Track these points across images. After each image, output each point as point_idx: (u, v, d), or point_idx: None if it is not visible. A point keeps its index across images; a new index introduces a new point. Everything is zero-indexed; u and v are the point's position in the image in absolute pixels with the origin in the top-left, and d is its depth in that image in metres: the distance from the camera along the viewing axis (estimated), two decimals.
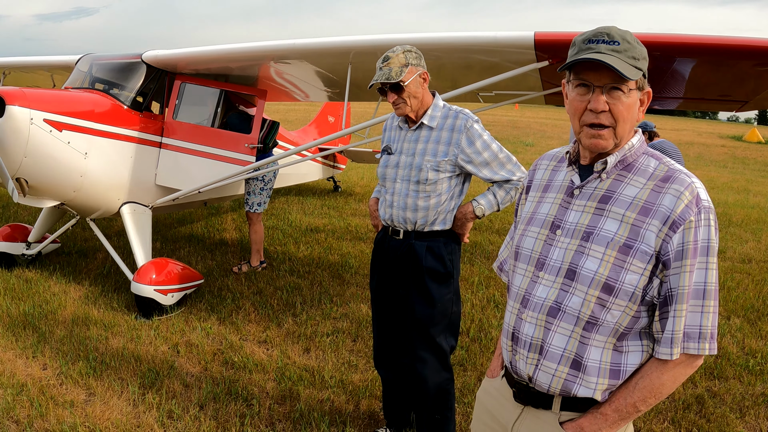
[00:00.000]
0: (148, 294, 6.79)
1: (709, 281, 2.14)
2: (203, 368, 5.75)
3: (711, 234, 2.13)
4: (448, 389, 4.37)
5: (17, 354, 5.93)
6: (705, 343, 2.17)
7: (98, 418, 4.84)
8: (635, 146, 2.26)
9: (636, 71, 2.14)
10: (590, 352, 2.23)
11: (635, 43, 2.16)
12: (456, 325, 4.36)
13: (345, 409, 5.11)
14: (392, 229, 4.25)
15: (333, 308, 7.27)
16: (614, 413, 2.22)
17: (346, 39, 6.74)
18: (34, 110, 6.44)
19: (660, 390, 2.19)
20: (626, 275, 2.16)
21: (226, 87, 8.16)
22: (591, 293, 2.20)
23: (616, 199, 2.23)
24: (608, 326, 2.21)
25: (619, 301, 2.17)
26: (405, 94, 4.01)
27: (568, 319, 2.26)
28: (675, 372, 2.18)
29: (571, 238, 2.28)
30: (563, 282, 2.27)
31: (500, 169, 4.17)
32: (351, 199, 14.43)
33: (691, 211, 2.10)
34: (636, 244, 2.15)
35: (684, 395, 5.51)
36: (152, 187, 7.81)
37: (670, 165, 2.21)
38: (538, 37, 5.80)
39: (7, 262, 8.36)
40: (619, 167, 2.25)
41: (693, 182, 2.14)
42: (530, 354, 2.35)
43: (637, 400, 2.20)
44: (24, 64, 10.50)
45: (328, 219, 12.18)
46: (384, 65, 3.99)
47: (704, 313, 2.15)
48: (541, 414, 2.36)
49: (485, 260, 9.40)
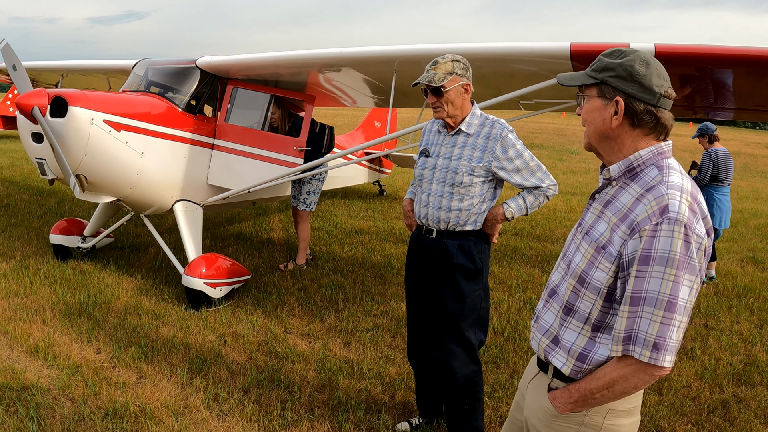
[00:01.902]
0: (198, 287, 7.11)
1: (664, 291, 2.21)
2: (248, 357, 6.05)
3: (674, 246, 2.20)
4: (476, 381, 4.57)
5: (72, 338, 6.30)
6: (647, 351, 2.24)
7: (148, 399, 5.16)
8: (642, 156, 2.41)
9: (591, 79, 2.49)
10: (566, 333, 2.56)
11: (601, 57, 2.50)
12: (485, 320, 4.56)
13: (381, 399, 5.35)
14: (426, 228, 4.49)
15: (374, 306, 7.52)
16: (576, 393, 2.48)
17: (391, 48, 6.97)
18: (95, 111, 6.78)
19: (612, 386, 2.36)
20: (595, 272, 2.43)
21: (276, 92, 8.43)
22: (571, 282, 2.54)
23: (612, 204, 2.47)
24: (582, 314, 2.50)
25: (589, 294, 2.45)
26: (444, 99, 4.25)
27: (557, 301, 2.63)
28: (625, 373, 2.32)
29: (581, 235, 2.59)
30: (565, 271, 2.63)
31: (530, 176, 4.37)
32: (396, 202, 14.67)
33: (650, 220, 2.25)
34: (607, 246, 2.40)
35: (710, 399, 5.61)
36: (204, 186, 8.14)
37: (665, 177, 2.34)
38: (574, 48, 5.97)
39: (63, 255, 8.81)
40: (626, 176, 2.45)
41: (667, 193, 2.27)
42: (534, 324, 2.79)
43: (594, 388, 2.41)
44: (81, 68, 10.87)
45: (372, 221, 12.43)
46: (431, 68, 4.23)
47: (652, 322, 2.23)
48: (542, 377, 2.72)
49: (524, 264, 9.57)
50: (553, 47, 6.13)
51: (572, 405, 2.51)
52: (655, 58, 2.42)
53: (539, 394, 2.69)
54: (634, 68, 2.37)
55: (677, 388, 5.75)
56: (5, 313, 6.84)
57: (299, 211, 9.27)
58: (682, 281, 2.20)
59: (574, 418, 2.55)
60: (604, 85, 2.43)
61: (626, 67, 2.38)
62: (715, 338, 7.01)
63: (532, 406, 2.73)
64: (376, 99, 10.09)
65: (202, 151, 8.01)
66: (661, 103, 2.38)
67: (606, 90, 2.43)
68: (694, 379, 5.99)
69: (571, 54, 6.03)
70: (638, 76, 2.36)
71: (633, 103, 2.37)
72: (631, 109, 2.38)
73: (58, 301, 7.23)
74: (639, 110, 2.37)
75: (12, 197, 13.42)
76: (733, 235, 12.32)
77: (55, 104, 6.68)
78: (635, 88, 2.36)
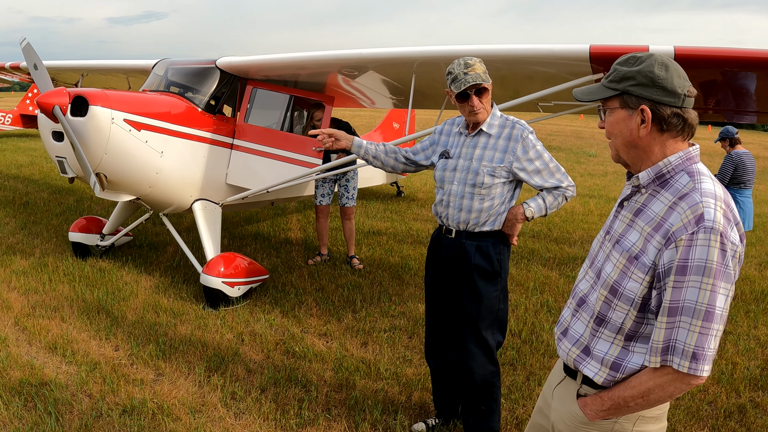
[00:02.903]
0: (216, 285, 7.14)
1: (702, 301, 2.19)
2: (265, 356, 6.06)
3: (711, 255, 2.18)
4: (494, 382, 4.57)
5: (91, 335, 6.35)
6: (686, 361, 2.23)
7: (166, 396, 5.20)
8: (672, 163, 2.39)
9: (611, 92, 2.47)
10: (598, 343, 2.54)
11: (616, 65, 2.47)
12: (503, 321, 4.56)
13: (398, 400, 5.35)
14: (446, 228, 4.51)
15: (391, 306, 7.52)
16: (609, 400, 2.47)
17: (410, 49, 6.98)
18: (116, 110, 6.82)
19: (647, 395, 2.36)
20: (628, 282, 2.40)
21: (295, 93, 8.45)
22: (602, 292, 2.51)
23: (643, 213, 2.44)
24: (615, 324, 2.48)
25: (622, 304, 2.43)
26: (485, 99, 4.28)
27: (587, 311, 2.61)
28: (662, 382, 2.32)
29: (610, 243, 2.57)
30: (594, 280, 2.61)
31: (550, 177, 4.39)
32: (413, 204, 14.64)
33: (686, 229, 2.23)
34: (641, 256, 2.37)
35: (726, 403, 5.57)
36: (223, 185, 8.17)
37: (697, 184, 2.32)
38: (593, 50, 5.95)
39: (82, 252, 8.90)
40: (656, 183, 2.43)
41: (702, 201, 2.25)
42: (560, 333, 2.77)
43: (628, 396, 2.41)
44: (102, 67, 10.96)
45: (390, 222, 12.42)
46: (469, 71, 4.20)
47: (690, 332, 2.21)
48: (570, 383, 2.71)
49: (541, 267, 9.54)
50: (572, 49, 6.11)
51: (604, 413, 2.50)
52: (671, 60, 2.40)
53: (567, 400, 2.69)
54: (654, 73, 2.33)
55: (693, 392, 5.70)
56: (24, 310, 6.90)
57: (348, 208, 9.42)
58: (718, 290, 2.19)
59: (603, 425, 2.54)
60: (626, 95, 2.41)
61: (646, 73, 2.35)
62: (732, 343, 6.95)
63: (560, 412, 2.72)
64: (395, 100, 10.11)
65: (221, 150, 8.04)
66: (686, 103, 2.35)
67: (629, 100, 2.40)
68: (711, 383, 5.94)
69: (590, 56, 6.01)
70: (660, 81, 2.33)
71: (659, 108, 2.34)
72: (659, 115, 2.35)
73: (76, 298, 7.29)
74: (666, 115, 2.34)
75: (31, 195, 13.54)
76: (751, 239, 12.22)
77: (76, 103, 6.72)
78: (659, 93, 2.33)
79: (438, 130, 4.71)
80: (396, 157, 4.83)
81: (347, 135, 4.79)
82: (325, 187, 9.34)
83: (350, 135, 4.85)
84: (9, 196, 13.29)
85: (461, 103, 4.32)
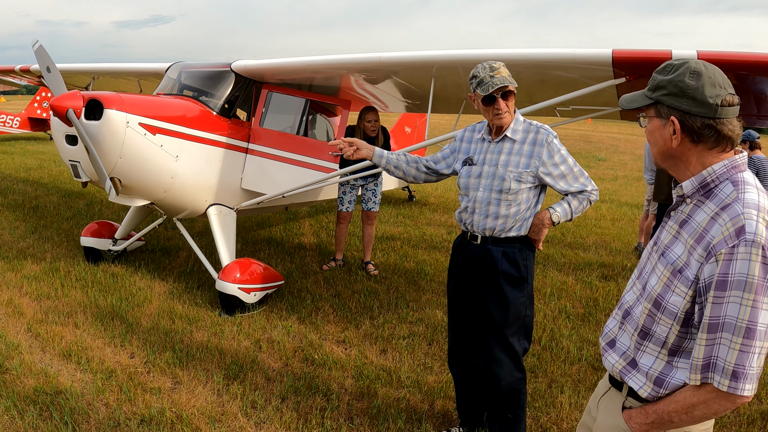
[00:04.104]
0: (232, 292, 7.05)
1: (742, 317, 2.12)
2: (284, 363, 5.97)
3: (752, 269, 2.12)
4: (521, 389, 4.51)
5: (105, 342, 6.27)
6: (726, 380, 2.17)
7: (184, 405, 5.10)
8: (716, 171, 2.32)
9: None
10: (643, 357, 2.50)
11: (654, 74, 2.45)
12: (529, 327, 4.51)
13: (420, 408, 5.26)
14: (471, 234, 4.45)
15: (409, 313, 7.42)
16: (653, 414, 2.44)
17: (430, 53, 6.92)
18: (131, 114, 6.75)
19: (691, 411, 2.32)
20: (671, 296, 2.35)
21: (310, 96, 8.38)
22: (646, 306, 2.47)
23: (688, 224, 2.39)
24: (658, 339, 2.44)
25: (665, 318, 2.39)
26: (510, 103, 4.24)
27: (632, 324, 2.57)
28: (705, 399, 2.26)
29: (657, 255, 2.52)
30: (641, 292, 2.56)
31: (574, 181, 4.36)
32: (426, 209, 14.55)
33: (726, 242, 2.17)
34: (684, 269, 2.32)
35: (749, 410, 5.50)
36: (238, 190, 8.09)
37: (740, 194, 2.26)
38: (616, 55, 5.92)
39: (94, 257, 8.82)
40: (701, 192, 2.37)
41: (743, 213, 2.19)
42: (605, 344, 2.74)
43: (672, 411, 2.37)
44: (113, 70, 10.91)
45: (403, 227, 12.33)
46: (495, 74, 4.15)
47: (731, 349, 2.15)
48: (615, 394, 2.67)
49: (557, 272, 9.44)
50: (595, 54, 6.08)
51: (648, 426, 2.46)
52: (708, 65, 2.34)
53: (611, 412, 2.65)
54: (684, 82, 2.29)
55: None
56: (37, 316, 6.83)
57: (372, 213, 9.35)
58: (760, 306, 2.12)
59: None
60: (659, 104, 2.39)
61: (676, 82, 2.31)
62: None
63: (604, 425, 2.70)
64: (408, 104, 10.04)
65: (236, 155, 7.97)
66: (720, 113, 2.27)
67: (662, 109, 2.38)
68: None
69: (613, 61, 5.99)
70: (690, 90, 2.28)
71: (689, 119, 2.30)
72: (688, 126, 2.31)
73: (89, 304, 7.21)
74: (696, 126, 2.29)
75: (41, 199, 13.49)
76: None
77: (90, 107, 6.66)
78: (688, 103, 2.28)
79: (458, 137, 4.67)
80: (417, 166, 4.78)
81: (368, 144, 4.75)
82: (352, 194, 9.25)
83: (370, 144, 4.80)
84: (18, 200, 13.25)
85: (486, 107, 4.26)
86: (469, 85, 4.28)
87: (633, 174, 24.04)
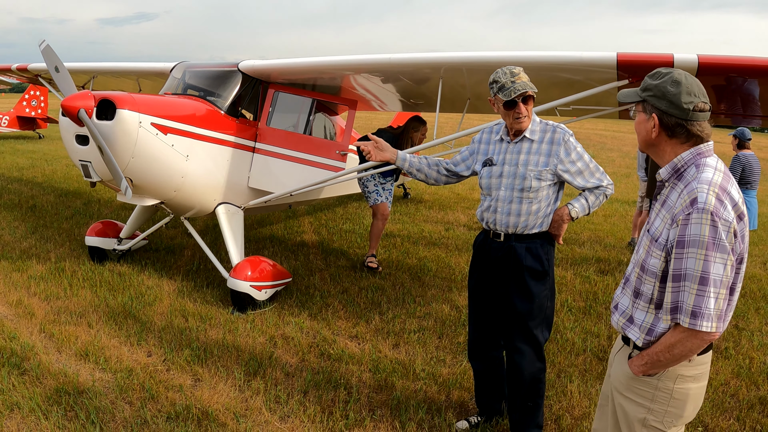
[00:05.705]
0: (244, 289, 7.13)
1: (697, 268, 2.68)
2: (300, 359, 6.07)
3: (703, 230, 2.67)
4: (541, 378, 4.70)
5: (121, 341, 6.32)
6: (686, 318, 2.73)
7: (207, 401, 5.18)
8: (684, 158, 2.90)
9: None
10: (636, 312, 3.06)
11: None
12: (550, 319, 4.70)
13: (437, 399, 5.40)
14: (493, 232, 4.59)
15: (417, 308, 7.54)
16: (646, 356, 2.97)
17: (439, 55, 7.04)
18: (143, 114, 6.80)
19: (671, 350, 2.84)
20: (651, 259, 2.93)
21: (316, 96, 8.46)
22: (636, 270, 3.05)
23: (666, 203, 2.95)
24: (646, 296, 2.98)
25: (648, 278, 2.95)
26: (530, 107, 4.41)
27: (629, 287, 3.13)
28: (679, 338, 2.80)
29: (645, 232, 3.09)
30: (635, 263, 3.11)
31: (591, 177, 4.51)
32: (421, 206, 14.69)
33: (684, 211, 2.74)
34: (659, 237, 2.89)
35: (747, 396, 5.74)
36: (245, 189, 8.17)
37: (699, 174, 2.81)
38: (621, 58, 6.14)
39: (99, 257, 8.84)
40: (674, 177, 2.95)
41: (697, 188, 2.74)
42: (612, 306, 3.30)
43: (658, 351, 2.90)
44: (112, 69, 10.90)
45: (401, 225, 12.43)
46: (516, 79, 4.32)
47: (689, 293, 2.71)
48: (625, 349, 3.20)
49: (556, 267, 9.54)
50: (600, 57, 6.26)
51: (643, 366, 2.98)
52: (690, 77, 2.87)
53: (621, 362, 3.18)
54: (666, 88, 2.86)
55: (716, 386, 5.87)
56: (48, 316, 6.86)
57: (383, 206, 9.36)
58: (712, 259, 2.67)
59: (650, 383, 3.00)
60: (645, 102, 2.97)
61: (660, 87, 2.88)
62: (746, 338, 7.13)
63: (617, 373, 3.21)
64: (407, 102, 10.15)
65: (243, 154, 8.04)
66: (691, 116, 2.84)
67: (647, 107, 2.96)
68: (731, 377, 6.13)
69: (617, 63, 6.19)
70: (669, 95, 2.85)
71: (666, 117, 2.88)
72: (665, 123, 2.89)
73: (100, 303, 7.26)
74: (671, 124, 2.88)
75: (37, 198, 13.49)
76: (753, 238, 12.32)
77: (102, 107, 6.70)
78: (667, 105, 2.86)
79: (476, 139, 4.82)
80: (438, 169, 4.93)
81: (392, 147, 4.92)
82: (387, 189, 9.40)
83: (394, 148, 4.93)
84: (14, 200, 13.24)
85: (507, 111, 4.42)
86: (490, 89, 4.43)
87: (621, 171, 24.30)
